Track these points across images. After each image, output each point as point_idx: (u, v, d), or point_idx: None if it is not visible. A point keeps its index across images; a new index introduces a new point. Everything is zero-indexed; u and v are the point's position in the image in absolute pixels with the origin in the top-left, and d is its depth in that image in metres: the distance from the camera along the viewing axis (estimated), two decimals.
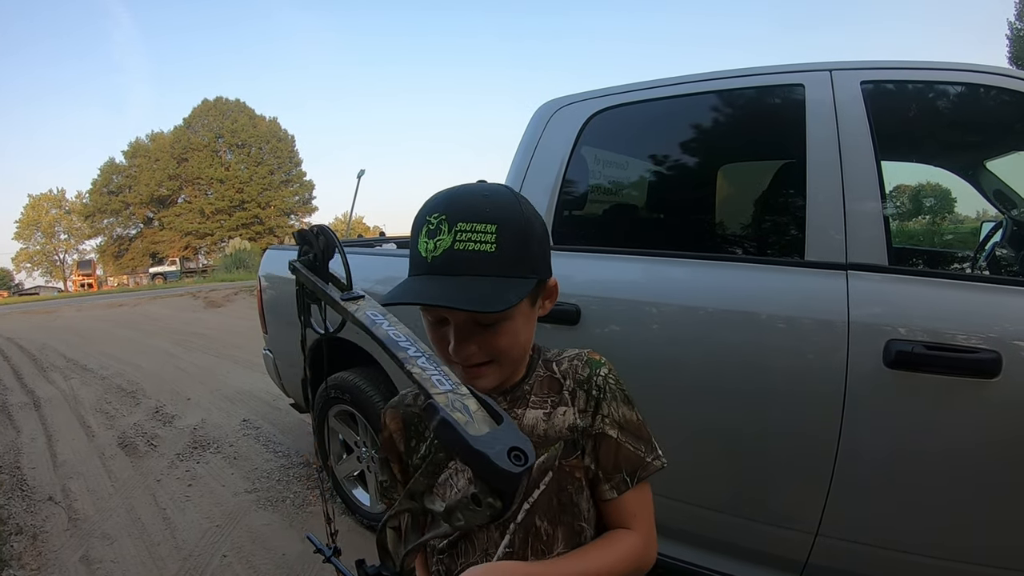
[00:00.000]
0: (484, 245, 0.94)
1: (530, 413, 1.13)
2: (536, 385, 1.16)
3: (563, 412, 1.13)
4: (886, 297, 1.73)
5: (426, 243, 0.97)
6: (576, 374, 1.15)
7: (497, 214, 0.96)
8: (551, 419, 1.12)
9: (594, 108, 2.37)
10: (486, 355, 1.02)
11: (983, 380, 1.57)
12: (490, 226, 0.95)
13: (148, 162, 56.92)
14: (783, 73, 2.05)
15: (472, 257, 0.94)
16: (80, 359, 9.07)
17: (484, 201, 0.98)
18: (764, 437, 1.85)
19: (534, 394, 1.15)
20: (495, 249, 0.95)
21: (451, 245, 0.94)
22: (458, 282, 0.94)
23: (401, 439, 1.18)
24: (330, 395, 3.13)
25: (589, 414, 1.13)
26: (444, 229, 0.95)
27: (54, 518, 3.64)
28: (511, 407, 1.14)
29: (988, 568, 1.67)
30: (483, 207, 0.97)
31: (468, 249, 0.94)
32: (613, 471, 1.13)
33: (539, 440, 1.11)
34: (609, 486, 1.13)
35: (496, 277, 0.95)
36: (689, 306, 1.98)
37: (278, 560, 3.01)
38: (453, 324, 1.00)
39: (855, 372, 1.69)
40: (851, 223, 1.80)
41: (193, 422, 5.38)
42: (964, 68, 1.87)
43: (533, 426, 1.12)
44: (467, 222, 0.95)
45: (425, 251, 0.97)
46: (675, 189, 2.53)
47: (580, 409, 1.13)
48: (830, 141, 1.88)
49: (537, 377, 1.17)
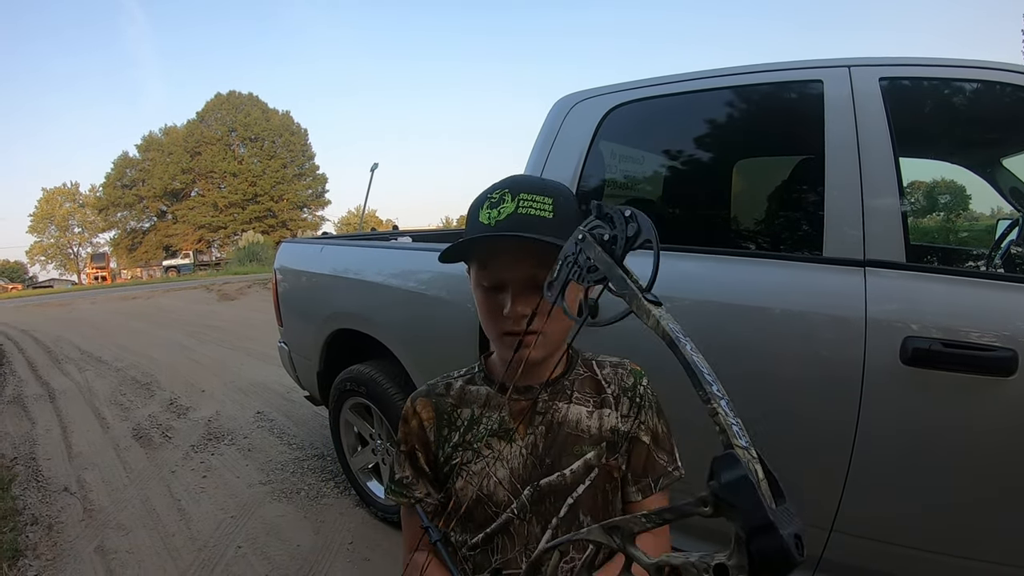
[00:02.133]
0: (544, 212, 1.03)
1: (574, 408, 1.18)
2: (578, 383, 1.21)
3: (608, 414, 1.19)
4: (904, 294, 1.73)
5: (489, 212, 1.05)
6: (621, 381, 1.22)
7: (554, 189, 1.07)
8: (596, 418, 1.18)
9: (613, 102, 2.37)
10: (538, 323, 1.03)
11: (1000, 378, 1.57)
12: (547, 198, 1.04)
13: (161, 156, 57.05)
14: (802, 69, 2.04)
15: (534, 220, 1.02)
16: (94, 351, 9.13)
17: (543, 181, 1.09)
18: (779, 433, 1.85)
19: (576, 391, 1.19)
20: (553, 216, 1.03)
21: (515, 210, 1.03)
22: (520, 237, 1.00)
23: (432, 428, 1.20)
24: (345, 387, 3.15)
25: (630, 419, 1.20)
26: (508, 199, 1.04)
27: (69, 509, 3.67)
28: (552, 399, 1.17)
29: (1004, 567, 1.67)
30: (541, 184, 1.08)
31: (530, 214, 1.02)
32: (642, 475, 1.20)
33: (586, 436, 1.16)
34: (636, 488, 1.20)
35: (555, 238, 0.97)
36: (704, 300, 1.98)
37: (292, 551, 3.03)
38: (512, 285, 1.06)
39: (872, 368, 1.69)
40: (869, 220, 1.80)
41: (207, 414, 5.42)
42: (981, 65, 1.86)
43: (578, 421, 1.17)
44: (528, 193, 1.04)
45: (488, 219, 1.04)
46: (692, 184, 2.53)
47: (623, 414, 1.20)
48: (849, 137, 1.87)
49: (577, 375, 1.22)
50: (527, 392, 1.16)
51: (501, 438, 1.15)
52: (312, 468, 4.07)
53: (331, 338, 3.26)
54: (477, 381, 1.23)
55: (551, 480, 1.13)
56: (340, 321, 3.17)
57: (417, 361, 2.76)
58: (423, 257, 2.81)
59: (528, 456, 1.14)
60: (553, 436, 1.15)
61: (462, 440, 1.17)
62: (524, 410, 1.16)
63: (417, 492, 1.20)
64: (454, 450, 1.18)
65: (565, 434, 1.15)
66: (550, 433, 1.15)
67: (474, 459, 1.15)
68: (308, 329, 3.43)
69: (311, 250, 3.64)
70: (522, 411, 1.17)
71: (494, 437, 1.16)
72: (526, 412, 1.16)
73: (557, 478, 1.13)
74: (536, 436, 1.15)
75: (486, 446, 1.15)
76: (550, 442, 1.14)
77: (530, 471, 1.14)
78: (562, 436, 1.15)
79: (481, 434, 1.16)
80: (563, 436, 1.15)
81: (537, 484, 1.13)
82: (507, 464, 1.14)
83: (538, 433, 1.15)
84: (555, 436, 1.15)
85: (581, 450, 1.15)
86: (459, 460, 1.16)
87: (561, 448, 1.14)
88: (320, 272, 3.43)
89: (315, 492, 3.69)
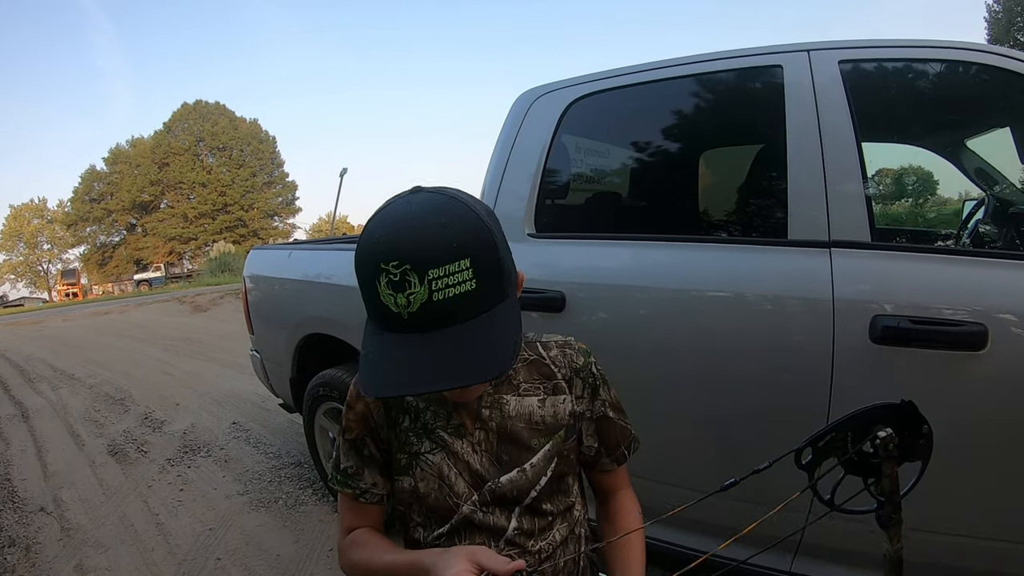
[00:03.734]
0: (463, 286, 0.85)
1: (526, 400, 1.14)
2: (524, 369, 1.17)
3: (562, 400, 1.16)
4: (870, 274, 1.74)
5: (393, 296, 0.85)
6: (571, 363, 1.19)
7: (465, 244, 0.86)
8: (550, 407, 1.15)
9: (573, 96, 2.36)
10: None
11: (970, 353, 1.58)
12: (463, 262, 0.84)
13: (129, 168, 56.43)
14: (761, 55, 2.04)
15: (454, 305, 0.85)
16: (67, 368, 9.04)
17: (445, 232, 0.85)
18: (753, 414, 1.86)
19: (523, 380, 1.16)
20: (475, 285, 0.86)
21: (428, 298, 0.84)
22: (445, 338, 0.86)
23: (380, 411, 1.15)
24: (319, 393, 3.12)
25: (586, 400, 1.19)
26: (413, 281, 0.83)
27: (47, 528, 3.62)
28: (497, 391, 1.14)
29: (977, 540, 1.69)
30: (448, 241, 0.85)
31: (448, 297, 0.84)
32: (615, 446, 1.23)
33: (541, 428, 1.14)
34: (611, 459, 1.24)
35: (481, 315, 0.88)
36: (675, 288, 1.99)
37: (272, 561, 3.00)
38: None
39: (842, 348, 1.70)
40: (833, 202, 1.80)
41: (183, 427, 5.37)
42: (942, 45, 1.87)
43: (530, 414, 1.14)
44: (438, 267, 0.83)
45: (396, 306, 0.85)
46: (657, 175, 2.53)
47: (577, 395, 1.18)
48: (810, 121, 1.88)
49: (523, 359, 1.18)
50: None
51: (453, 434, 1.12)
52: (289, 476, 4.04)
53: (302, 343, 3.23)
54: None
55: (512, 477, 1.11)
56: (311, 326, 3.15)
57: None
58: None
59: (483, 452, 1.11)
60: (506, 432, 1.12)
61: (413, 426, 1.13)
62: (470, 405, 1.12)
63: (363, 483, 1.16)
64: (406, 436, 1.14)
65: (519, 428, 1.13)
66: (503, 429, 1.12)
67: (431, 450, 1.12)
68: (279, 335, 3.40)
69: (279, 256, 3.63)
70: (468, 406, 1.12)
71: (445, 432, 1.12)
72: (473, 407, 1.13)
73: (518, 474, 1.11)
74: (488, 432, 1.12)
75: (438, 440, 1.12)
76: (504, 438, 1.12)
77: (486, 469, 1.11)
78: (516, 431, 1.12)
79: (430, 425, 1.13)
80: (517, 431, 1.12)
81: (497, 481, 1.10)
82: (462, 459, 1.11)
83: (490, 428, 1.12)
84: (508, 431, 1.12)
85: (540, 442, 1.13)
86: (417, 449, 1.12)
87: (517, 443, 1.12)
88: (289, 278, 3.41)
89: (293, 500, 3.66)
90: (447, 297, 0.84)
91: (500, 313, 0.91)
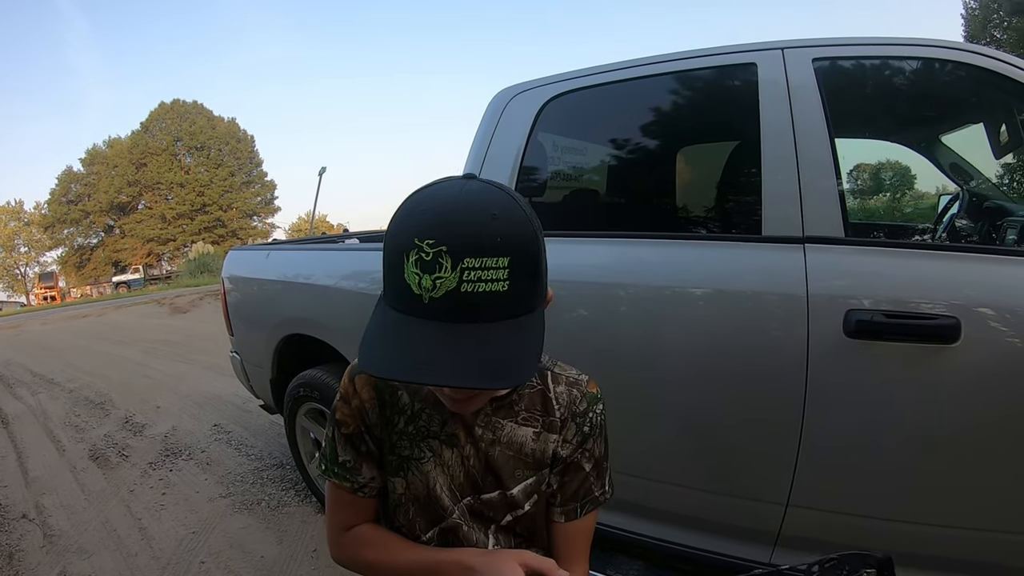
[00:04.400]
0: (495, 284, 0.79)
1: (521, 430, 1.11)
2: (527, 397, 1.13)
3: (553, 439, 1.12)
4: (844, 269, 1.76)
5: (418, 277, 0.79)
6: (573, 405, 1.13)
7: (510, 242, 0.80)
8: (541, 442, 1.12)
9: (549, 94, 2.37)
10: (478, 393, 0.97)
11: (943, 346, 1.60)
12: (502, 259, 0.79)
13: (107, 169, 55.92)
14: (735, 53, 2.06)
15: (481, 301, 0.79)
16: (47, 373, 8.93)
17: (494, 224, 0.80)
18: (732, 412, 1.88)
19: (524, 408, 1.12)
20: (507, 288, 0.80)
21: (456, 287, 0.78)
22: (463, 335, 0.80)
23: (374, 410, 1.12)
24: (299, 393, 3.12)
25: (571, 446, 1.14)
26: (445, 265, 0.77)
27: (29, 536, 3.59)
28: (495, 414, 1.10)
29: (954, 529, 1.71)
30: (493, 234, 0.79)
31: (478, 291, 0.78)
32: (571, 499, 1.16)
33: (529, 461, 1.12)
34: (560, 511, 1.16)
35: (506, 320, 0.82)
36: (655, 285, 2.00)
37: (256, 563, 3.00)
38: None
39: (816, 343, 1.72)
40: (807, 198, 1.82)
41: (164, 430, 5.34)
42: (915, 43, 1.89)
43: (522, 444, 1.11)
44: (476, 257, 0.77)
45: (419, 287, 0.79)
46: (635, 172, 2.55)
47: (565, 439, 1.13)
48: (783, 118, 1.89)
49: (528, 387, 1.13)
50: None
51: (444, 443, 1.10)
52: (272, 478, 4.03)
53: (282, 344, 3.22)
54: None
55: (492, 497, 1.10)
56: (290, 326, 3.14)
57: None
58: (371, 257, 2.80)
59: (470, 467, 1.10)
60: (495, 456, 1.10)
61: (406, 429, 1.11)
62: (465, 419, 1.10)
63: (360, 477, 1.13)
64: (399, 438, 1.12)
65: (507, 456, 1.10)
66: (491, 452, 1.10)
67: (421, 456, 1.10)
68: (259, 336, 3.40)
69: (258, 256, 3.63)
70: (463, 419, 1.10)
71: (437, 440, 1.10)
72: (467, 420, 1.10)
73: (498, 496, 1.11)
74: (478, 450, 1.10)
75: (428, 448, 1.10)
76: (492, 462, 1.10)
77: (470, 484, 1.11)
78: (504, 458, 1.10)
79: (423, 432, 1.11)
80: (505, 458, 1.10)
81: (478, 497, 1.10)
82: (449, 471, 1.10)
83: (479, 448, 1.10)
84: (496, 456, 1.10)
85: (524, 474, 1.11)
86: (409, 453, 1.11)
87: (502, 470, 1.10)
88: (268, 278, 3.40)
89: (276, 502, 3.66)
90: (476, 291, 0.78)
91: (525, 323, 0.85)
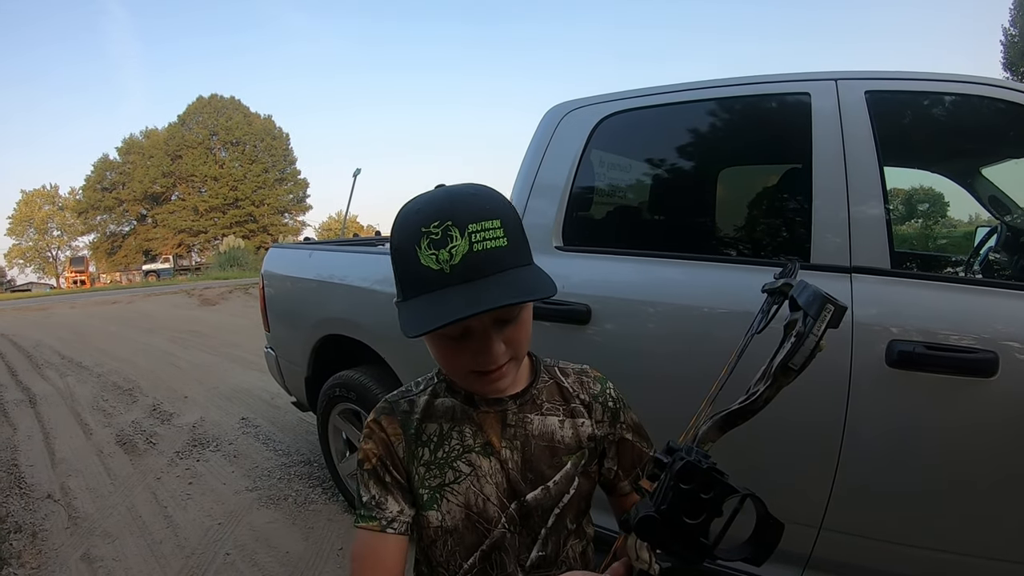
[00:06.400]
0: (497, 241, 0.92)
1: (548, 419, 1.16)
2: (546, 391, 1.19)
3: (582, 423, 1.18)
4: (889, 299, 1.78)
5: (435, 255, 0.90)
6: (588, 389, 1.22)
7: (496, 208, 0.95)
8: (570, 428, 1.17)
9: (604, 112, 2.40)
10: (511, 352, 1.01)
11: (981, 379, 1.62)
12: (495, 221, 0.93)
13: (142, 159, 56.55)
14: (790, 82, 2.09)
15: (492, 255, 0.91)
16: (75, 356, 9.05)
17: (478, 198, 0.96)
18: (771, 434, 1.88)
19: (545, 400, 1.18)
20: (507, 243, 0.93)
21: (469, 249, 0.90)
22: (488, 283, 0.90)
23: (401, 444, 1.12)
24: (335, 393, 3.15)
25: (606, 424, 1.21)
26: (455, 235, 0.90)
27: (53, 516, 3.64)
28: (522, 410, 1.14)
29: (987, 560, 1.72)
30: (482, 204, 0.95)
31: (486, 248, 0.91)
32: (631, 468, 1.22)
33: (562, 447, 1.15)
34: (628, 482, 1.22)
35: (515, 268, 0.94)
36: (700, 307, 2.03)
37: (282, 558, 3.03)
38: (478, 331, 0.97)
39: (859, 371, 1.74)
40: (855, 227, 1.85)
41: (192, 420, 5.40)
42: (962, 80, 1.92)
43: (552, 432, 1.15)
44: (477, 222, 0.91)
45: (438, 262, 0.90)
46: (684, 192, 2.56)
47: (598, 420, 1.20)
48: (835, 147, 1.92)
49: (543, 382, 1.19)
50: (497, 404, 1.12)
51: (480, 453, 1.11)
52: (299, 474, 4.06)
53: (320, 344, 3.26)
54: (441, 393, 1.16)
55: (536, 495, 1.11)
56: (329, 327, 3.17)
57: (408, 366, 2.76)
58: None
59: (510, 471, 1.11)
60: (531, 450, 1.12)
61: (434, 458, 1.12)
62: (495, 423, 1.13)
63: (388, 512, 1.10)
64: (427, 469, 1.11)
65: (542, 447, 1.13)
66: (527, 447, 1.12)
67: (456, 479, 1.10)
68: (296, 335, 3.44)
69: (299, 255, 3.65)
70: (493, 424, 1.13)
71: (472, 453, 1.11)
72: (498, 424, 1.13)
73: (542, 492, 1.12)
74: (513, 451, 1.12)
75: (466, 464, 1.11)
76: (528, 456, 1.12)
77: (514, 486, 1.11)
78: (539, 449, 1.13)
79: (456, 451, 1.11)
80: (540, 449, 1.13)
81: (524, 499, 1.11)
82: (491, 480, 1.11)
83: (515, 447, 1.12)
84: (532, 450, 1.13)
85: (560, 461, 1.14)
86: (440, 481, 1.10)
87: (540, 461, 1.13)
88: (308, 277, 3.43)
89: (303, 498, 3.68)
90: (485, 248, 0.91)
91: (533, 271, 0.97)
